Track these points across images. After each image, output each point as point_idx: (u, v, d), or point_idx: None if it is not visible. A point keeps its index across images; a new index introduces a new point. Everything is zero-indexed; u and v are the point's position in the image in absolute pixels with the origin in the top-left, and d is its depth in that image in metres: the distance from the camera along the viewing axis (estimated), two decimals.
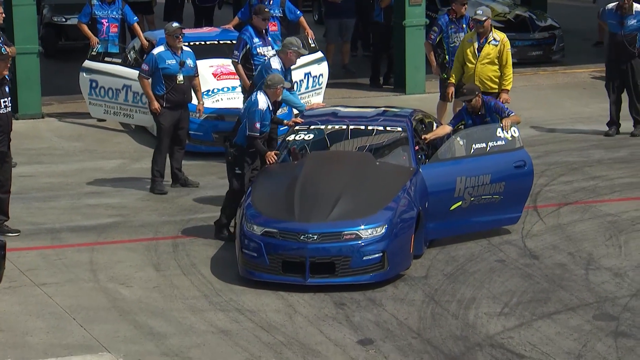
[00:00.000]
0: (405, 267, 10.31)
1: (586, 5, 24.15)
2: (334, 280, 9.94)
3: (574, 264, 10.41)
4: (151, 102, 12.73)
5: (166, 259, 10.75)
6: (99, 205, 12.34)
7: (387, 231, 9.98)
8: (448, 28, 14.67)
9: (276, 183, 10.78)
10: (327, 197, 10.26)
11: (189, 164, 13.94)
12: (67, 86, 16.73)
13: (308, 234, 9.90)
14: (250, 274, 10.10)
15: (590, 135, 15.01)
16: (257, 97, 11.16)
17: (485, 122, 11.58)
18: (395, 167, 10.90)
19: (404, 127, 11.27)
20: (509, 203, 11.15)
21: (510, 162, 11.17)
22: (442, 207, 10.86)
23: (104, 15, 15.91)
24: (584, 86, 18.14)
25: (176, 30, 12.80)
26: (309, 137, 11.32)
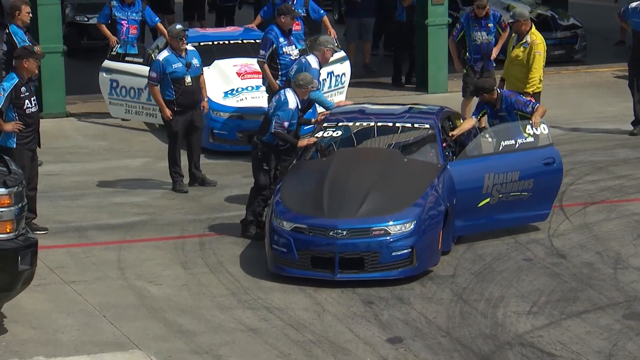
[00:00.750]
0: (434, 263, 10.35)
1: (607, 5, 24.08)
2: (363, 275, 10.00)
3: (602, 263, 10.39)
4: (163, 110, 12.66)
5: (193, 257, 10.78)
6: (125, 204, 12.39)
7: (415, 227, 10.06)
8: (470, 25, 14.73)
9: (305, 180, 10.84)
10: (355, 194, 10.32)
11: (213, 163, 14.02)
12: (90, 85, 16.77)
13: (337, 229, 9.98)
14: (279, 269, 10.18)
15: (615, 134, 14.97)
16: (287, 96, 11.22)
17: (500, 117, 11.66)
18: (423, 164, 10.96)
19: (431, 124, 11.33)
20: (537, 200, 11.17)
21: (540, 159, 11.20)
22: (470, 203, 10.89)
23: (123, 16, 15.95)
24: (607, 85, 18.10)
25: (180, 32, 12.77)
26: (337, 134, 11.36)
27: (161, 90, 12.68)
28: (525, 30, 13.54)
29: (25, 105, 10.85)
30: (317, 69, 12.23)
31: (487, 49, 14.69)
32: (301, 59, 12.67)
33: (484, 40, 14.74)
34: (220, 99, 14.56)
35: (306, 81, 11.30)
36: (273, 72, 13.65)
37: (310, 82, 11.34)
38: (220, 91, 14.68)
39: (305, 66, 12.28)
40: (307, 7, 15.46)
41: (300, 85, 11.27)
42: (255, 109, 14.36)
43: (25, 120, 10.89)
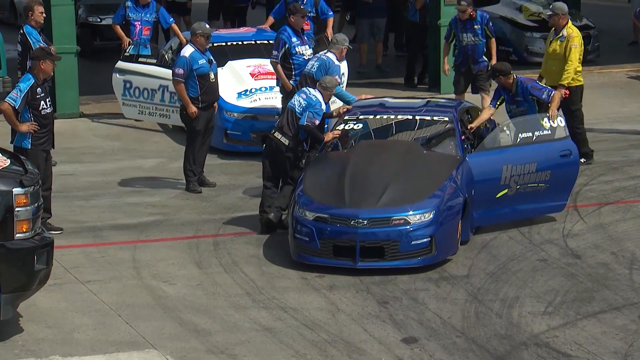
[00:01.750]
0: (453, 252, 10.58)
1: (620, 5, 24.02)
2: (383, 264, 10.26)
3: (617, 264, 10.37)
4: (188, 107, 12.62)
5: (208, 257, 10.79)
6: (139, 204, 12.41)
7: (434, 217, 10.30)
8: (456, 27, 14.96)
9: (327, 171, 11.08)
10: (376, 184, 10.57)
11: (227, 163, 14.05)
12: (103, 86, 16.79)
13: (358, 219, 10.23)
14: (302, 257, 10.43)
15: (629, 135, 14.94)
16: (318, 97, 11.50)
17: (517, 102, 12.02)
18: (443, 156, 11.19)
19: (450, 117, 11.53)
20: (554, 191, 11.38)
21: (557, 151, 11.41)
22: (488, 194, 11.11)
23: (137, 17, 15.98)
24: (620, 86, 18.05)
25: (209, 31, 12.82)
26: (359, 126, 11.59)
27: (185, 87, 12.69)
28: (562, 25, 13.66)
29: (40, 106, 10.87)
30: (339, 66, 12.83)
31: (472, 51, 14.84)
32: (322, 56, 12.95)
33: (469, 42, 14.84)
34: (234, 100, 14.57)
35: (332, 84, 11.66)
36: (286, 72, 13.67)
37: (336, 84, 11.79)
38: (233, 92, 14.69)
39: (327, 63, 12.72)
40: (317, 8, 15.50)
41: (327, 87, 11.60)
42: (268, 109, 14.38)
43: (41, 121, 10.91)
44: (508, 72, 12.12)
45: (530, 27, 19.99)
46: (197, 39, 12.79)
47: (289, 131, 11.40)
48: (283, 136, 11.41)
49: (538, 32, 19.79)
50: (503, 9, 20.60)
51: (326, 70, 12.65)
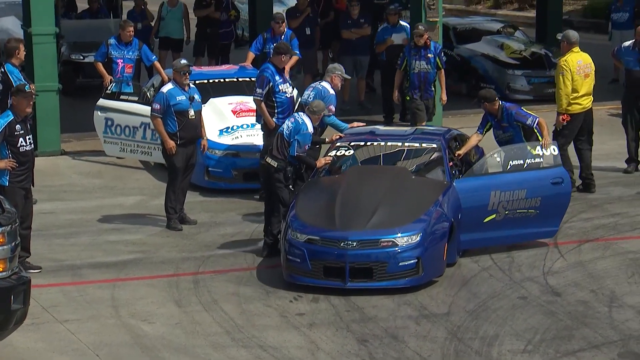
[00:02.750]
0: (439, 274, 10.96)
1: (601, 43, 24.12)
2: (372, 284, 10.63)
3: (596, 302, 10.37)
4: (166, 142, 12.67)
5: (187, 295, 10.75)
6: (119, 242, 12.37)
7: (421, 239, 10.70)
8: (410, 55, 15.35)
9: (319, 195, 11.55)
10: (365, 208, 10.98)
11: (208, 201, 14.03)
12: (85, 123, 16.76)
13: (348, 241, 10.65)
14: (293, 278, 10.82)
15: (609, 172, 14.99)
16: (304, 120, 11.88)
17: (503, 127, 12.41)
18: (430, 181, 11.64)
19: (438, 144, 11.98)
20: (545, 217, 11.69)
21: (548, 178, 11.72)
22: (476, 219, 11.46)
23: (119, 55, 16.03)
24: (601, 123, 18.05)
25: (184, 67, 12.88)
26: (350, 153, 12.05)
27: (163, 123, 12.71)
28: (563, 52, 14.12)
29: (19, 143, 10.85)
30: (334, 95, 13.20)
31: (424, 78, 15.32)
32: (317, 85, 13.34)
33: (422, 70, 15.32)
34: (216, 137, 14.58)
35: (320, 108, 12.04)
36: (269, 110, 13.68)
37: (323, 108, 12.15)
38: (215, 129, 14.69)
39: (322, 92, 13.09)
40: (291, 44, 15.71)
41: (314, 111, 11.97)
42: (250, 146, 14.39)
43: (19, 159, 10.89)
44: (493, 99, 12.47)
45: (511, 64, 20.10)
46: (175, 76, 12.85)
47: (278, 154, 11.78)
48: (272, 159, 11.79)
49: (519, 70, 19.92)
50: (485, 47, 20.72)
51: (322, 100, 12.89)
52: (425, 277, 10.73)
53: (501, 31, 21.63)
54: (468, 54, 20.66)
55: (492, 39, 20.98)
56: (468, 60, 20.58)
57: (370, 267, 10.62)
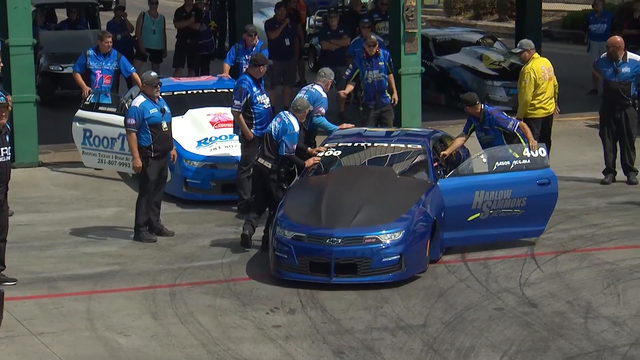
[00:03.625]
0: (421, 270, 11.33)
1: (580, 54, 24.29)
2: (356, 279, 11.00)
3: (572, 313, 10.38)
4: (135, 160, 12.54)
5: (164, 307, 10.70)
6: (96, 254, 12.32)
7: (404, 236, 11.06)
8: (362, 65, 15.68)
9: (306, 194, 11.92)
10: (351, 206, 11.35)
11: (186, 212, 13.99)
12: (64, 134, 16.73)
13: (333, 237, 11.02)
14: (281, 274, 11.19)
15: (587, 183, 15.04)
16: (290, 119, 12.26)
17: (485, 130, 12.82)
18: (414, 181, 12.03)
19: (423, 144, 12.41)
20: (531, 217, 12.02)
21: (534, 179, 12.07)
22: (459, 217, 11.81)
23: (98, 66, 16.00)
24: (579, 134, 18.21)
25: (154, 80, 12.83)
26: (338, 153, 12.48)
27: (137, 137, 12.65)
28: (526, 59, 14.62)
29: None
30: (326, 98, 13.76)
31: (379, 87, 15.72)
32: (310, 89, 13.87)
33: (376, 79, 15.69)
34: (194, 148, 14.56)
35: (303, 106, 12.48)
36: (247, 122, 13.69)
37: (307, 106, 12.61)
38: (193, 140, 14.68)
39: (314, 94, 13.68)
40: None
41: (299, 110, 12.38)
42: (228, 157, 14.37)
43: None
44: (474, 103, 12.86)
45: (490, 75, 20.17)
46: (146, 88, 12.75)
47: (270, 154, 12.22)
48: (266, 160, 12.22)
49: (499, 81, 19.99)
50: (464, 58, 20.80)
51: (314, 102, 13.49)
52: (408, 273, 11.10)
53: (480, 42, 21.74)
54: (447, 65, 20.74)
55: (472, 50, 21.06)
56: (447, 71, 20.66)
57: (354, 262, 10.98)
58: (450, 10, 33.86)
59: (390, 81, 15.90)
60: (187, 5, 21.35)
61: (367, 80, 15.66)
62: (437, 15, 34.47)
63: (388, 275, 11.00)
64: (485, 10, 32.72)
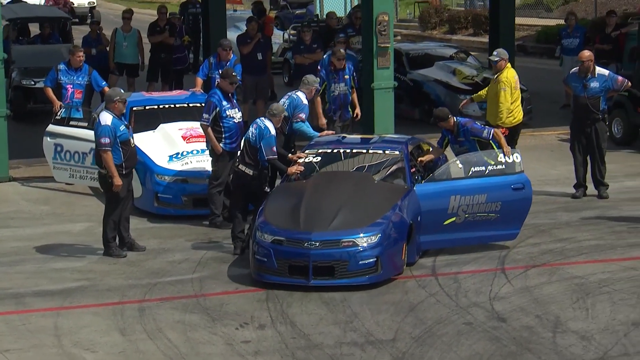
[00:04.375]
0: (397, 272, 11.62)
1: (553, 68, 24.42)
2: (333, 281, 11.30)
3: (541, 327, 10.39)
4: (115, 178, 12.35)
5: (132, 323, 10.64)
6: (65, 269, 12.25)
7: (380, 239, 11.36)
8: (329, 78, 15.96)
9: (286, 199, 12.19)
10: (329, 210, 11.65)
11: (157, 227, 13.94)
12: (35, 149, 16.67)
13: (311, 241, 11.31)
14: (261, 276, 11.49)
15: (558, 197, 15.08)
16: (266, 124, 12.56)
17: (459, 142, 13.15)
18: (391, 186, 12.35)
19: (400, 150, 12.77)
20: (506, 221, 12.34)
21: (508, 184, 12.40)
22: (435, 221, 12.15)
23: (69, 80, 15.96)
24: (551, 148, 18.28)
25: (124, 96, 12.78)
26: (318, 159, 12.81)
27: None
28: (501, 68, 14.87)
29: None
30: (307, 105, 13.99)
31: (344, 100, 16.01)
32: (292, 95, 14.09)
33: (341, 92, 16.01)
34: (165, 163, 14.52)
35: (278, 110, 12.76)
36: (216, 135, 13.67)
37: (282, 111, 12.89)
38: (165, 155, 14.65)
39: (296, 100, 13.92)
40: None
41: (274, 114, 12.65)
42: (200, 172, 14.34)
43: None
44: (446, 118, 13.15)
45: (463, 90, 20.21)
46: (115, 105, 12.58)
47: (250, 161, 12.49)
48: (246, 167, 12.50)
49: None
50: (437, 72, 20.85)
51: (295, 108, 13.81)
52: (384, 275, 11.39)
53: (454, 57, 21.79)
54: (421, 79, 20.79)
55: (445, 64, 21.12)
56: (421, 86, 20.71)
57: (332, 265, 11.26)
58: (426, 24, 33.97)
59: (353, 96, 16.06)
60: (161, 20, 21.35)
61: (334, 92, 15.86)
62: (412, 29, 34.58)
63: (365, 277, 11.28)
64: (460, 24, 32.84)
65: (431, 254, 12.49)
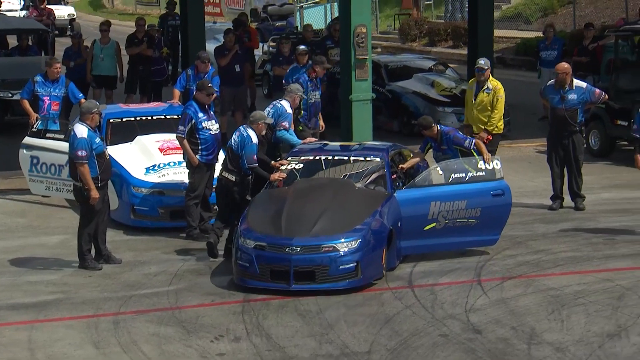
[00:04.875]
0: (377, 277, 11.82)
1: (532, 81, 24.49)
2: (314, 286, 11.47)
3: (516, 339, 10.38)
4: (92, 191, 12.30)
5: (106, 336, 10.58)
6: (40, 282, 12.17)
7: (360, 245, 11.56)
8: (307, 86, 15.99)
9: (268, 205, 12.39)
10: (310, 216, 11.84)
11: (133, 239, 13.89)
12: (12, 161, 16.59)
13: (292, 246, 11.51)
14: (243, 281, 11.69)
15: (535, 209, 15.10)
16: (249, 132, 12.80)
17: (442, 150, 13.42)
18: (372, 192, 12.55)
19: (382, 157, 13.01)
20: (485, 227, 12.57)
21: (488, 190, 12.62)
22: (416, 227, 12.35)
23: (45, 92, 15.91)
24: (528, 160, 18.32)
25: (99, 109, 12.73)
26: (300, 166, 13.02)
27: None
28: (488, 77, 15.11)
29: None
30: (291, 113, 14.12)
31: (317, 107, 16.19)
32: (276, 103, 14.25)
33: (317, 99, 16.19)
34: (142, 175, 14.47)
35: (257, 117, 13.00)
36: (193, 147, 13.65)
37: (262, 117, 13.06)
38: (142, 167, 14.60)
39: (280, 109, 14.07)
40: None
41: (254, 121, 12.91)
42: (176, 184, 14.30)
43: None
44: (430, 126, 13.45)
45: (442, 102, 20.27)
46: (92, 117, 12.53)
47: (233, 168, 12.74)
48: (230, 173, 12.75)
49: (450, 107, 20.08)
50: (416, 84, 20.90)
51: (278, 117, 13.96)
52: (364, 280, 11.58)
53: (432, 69, 21.84)
54: (399, 91, 20.82)
55: (423, 76, 21.17)
56: (399, 98, 20.74)
57: (313, 270, 11.44)
58: (406, 37, 34.03)
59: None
60: (139, 32, 21.32)
61: (310, 100, 15.93)
62: (392, 41, 34.65)
63: (345, 282, 11.47)
64: (440, 37, 32.92)
65: (408, 265, 12.49)
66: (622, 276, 12.04)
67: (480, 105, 14.98)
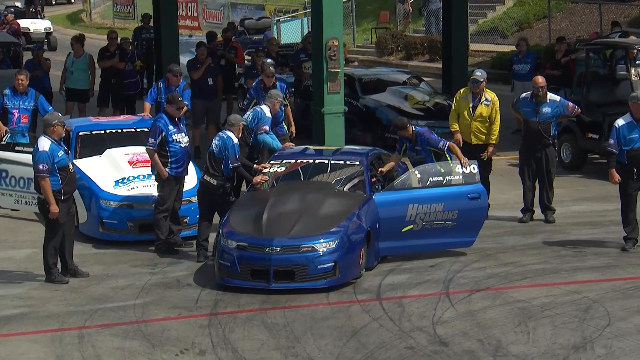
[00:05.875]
0: (355, 276, 12.19)
1: (506, 94, 24.51)
2: (294, 285, 11.82)
3: (482, 351, 10.36)
4: (52, 205, 12.18)
5: (70, 350, 10.50)
6: (5, 296, 12.07)
7: (338, 245, 11.92)
8: (259, 96, 16.10)
9: (249, 207, 12.72)
10: (290, 217, 12.20)
11: (101, 253, 13.81)
12: None
13: (272, 246, 11.85)
14: (224, 280, 12.04)
15: (505, 221, 15.10)
16: (228, 135, 13.17)
17: (416, 150, 13.73)
18: (351, 194, 12.92)
19: (361, 161, 13.39)
20: (462, 229, 12.90)
21: (465, 194, 12.97)
22: (394, 229, 12.70)
23: (15, 105, 15.84)
24: (500, 173, 18.29)
25: (64, 119, 12.67)
26: (281, 169, 13.41)
27: None
28: (483, 89, 15.13)
29: None
30: (270, 117, 14.48)
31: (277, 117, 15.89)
32: (256, 108, 14.65)
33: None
34: (111, 188, 14.40)
35: (236, 120, 13.38)
36: (162, 160, 13.58)
37: (240, 120, 13.44)
38: (111, 180, 14.53)
39: (260, 114, 14.45)
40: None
41: (233, 124, 13.28)
42: (146, 197, 14.23)
43: None
44: (405, 127, 13.78)
45: (415, 115, 20.22)
46: (54, 130, 12.39)
47: (214, 172, 13.07)
48: (211, 177, 13.08)
49: (423, 120, 20.02)
50: (389, 97, 20.85)
51: (258, 120, 14.33)
52: (342, 279, 11.94)
53: (406, 82, 21.83)
54: (373, 104, 20.77)
55: (397, 89, 21.14)
56: (373, 111, 20.68)
57: (292, 269, 11.78)
58: (382, 50, 34.06)
59: (287, 113, 16.11)
60: (111, 45, 21.28)
61: None
62: (369, 55, 34.66)
63: (323, 281, 11.82)
64: (417, 50, 32.94)
65: (377, 278, 12.46)
66: (589, 288, 12.04)
67: (481, 117, 15.05)
